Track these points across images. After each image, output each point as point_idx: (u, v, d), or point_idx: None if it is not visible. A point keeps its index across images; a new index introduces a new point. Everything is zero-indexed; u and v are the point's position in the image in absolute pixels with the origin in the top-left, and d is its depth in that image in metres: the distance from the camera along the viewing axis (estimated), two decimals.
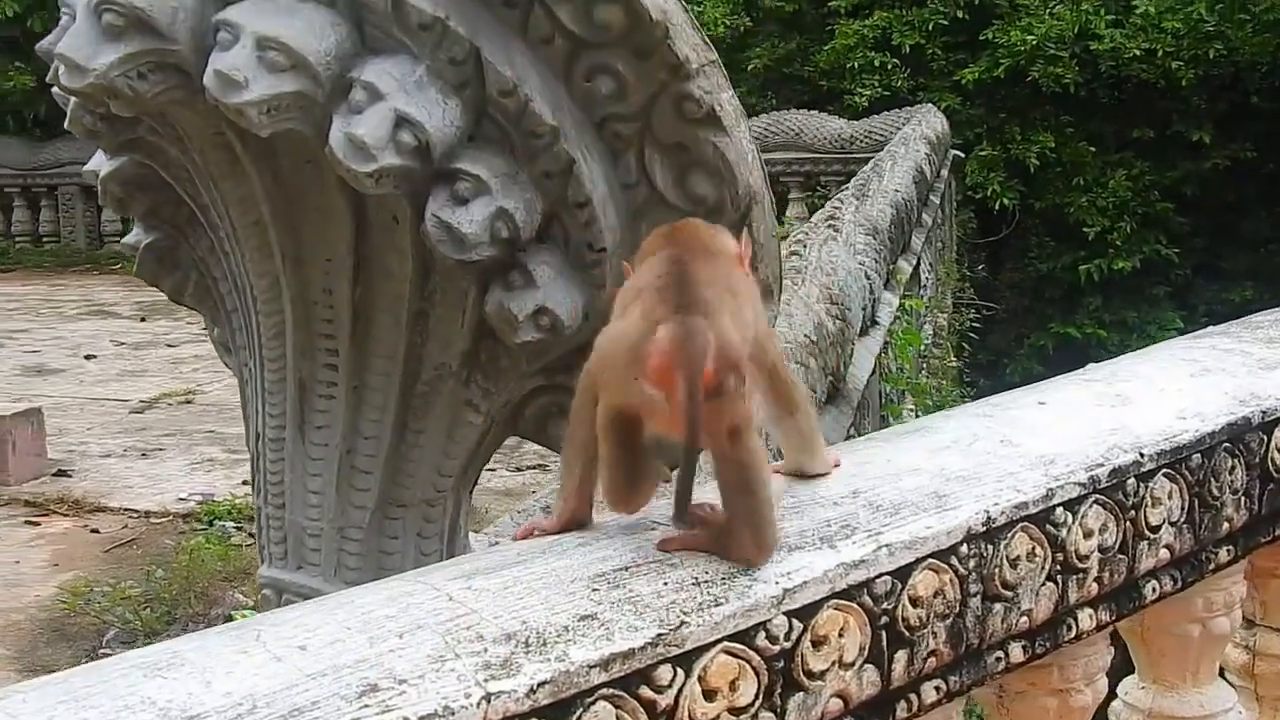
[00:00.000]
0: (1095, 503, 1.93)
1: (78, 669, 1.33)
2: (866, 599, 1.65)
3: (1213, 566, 2.19)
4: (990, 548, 1.80)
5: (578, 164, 2.39)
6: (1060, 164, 21.67)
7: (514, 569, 1.54)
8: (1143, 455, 2.01)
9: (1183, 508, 2.09)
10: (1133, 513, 2.00)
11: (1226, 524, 2.19)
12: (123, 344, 13.93)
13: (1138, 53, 20.94)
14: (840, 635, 1.62)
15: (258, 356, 2.73)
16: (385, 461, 2.69)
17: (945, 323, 15.22)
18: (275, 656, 1.34)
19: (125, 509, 8.27)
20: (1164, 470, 2.05)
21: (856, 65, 21.72)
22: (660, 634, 1.46)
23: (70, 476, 8.91)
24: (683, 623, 1.48)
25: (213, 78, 2.27)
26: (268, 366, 2.71)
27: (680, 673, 1.47)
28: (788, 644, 1.57)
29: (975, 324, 17.69)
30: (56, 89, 2.44)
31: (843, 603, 1.63)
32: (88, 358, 13.24)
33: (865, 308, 7.34)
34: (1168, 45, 20.85)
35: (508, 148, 2.39)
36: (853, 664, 1.64)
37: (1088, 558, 1.93)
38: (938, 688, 1.77)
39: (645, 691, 1.44)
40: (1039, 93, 21.59)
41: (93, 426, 10.29)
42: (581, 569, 1.54)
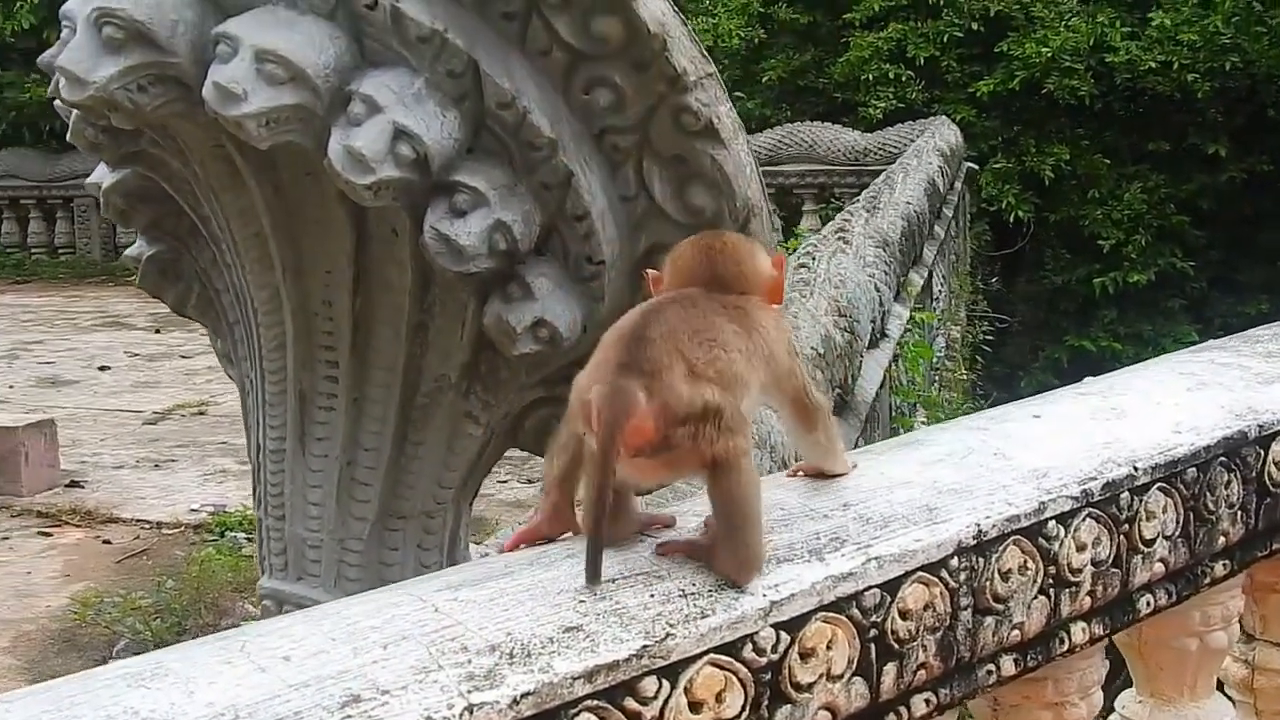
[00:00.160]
0: (1088, 516, 1.93)
1: (63, 678, 1.34)
2: (855, 611, 1.65)
3: (1208, 581, 2.18)
4: (981, 561, 1.79)
5: (576, 176, 2.39)
6: (1075, 176, 21.62)
7: (501, 580, 1.54)
8: (1137, 469, 2.01)
9: (1177, 521, 2.08)
10: (1126, 526, 1.99)
11: (1222, 538, 2.18)
12: (137, 355, 14.00)
13: (1153, 65, 20.89)
14: (828, 648, 1.62)
15: (259, 368, 2.74)
16: (385, 473, 2.69)
17: (959, 335, 15.19)
18: (259, 667, 1.34)
19: (137, 520, 8.31)
20: (1158, 484, 2.04)
21: (871, 77, 21.71)
22: (646, 645, 1.46)
23: (83, 487, 8.95)
24: (668, 634, 1.48)
25: (212, 90, 2.28)
26: (268, 378, 2.72)
27: (666, 684, 1.47)
28: (775, 656, 1.57)
29: (989, 336, 17.64)
30: (58, 102, 2.45)
31: (831, 615, 1.62)
32: (102, 369, 13.29)
33: (874, 320, 7.32)
34: (1184, 58, 20.79)
35: (506, 160, 2.39)
36: (841, 676, 1.64)
37: (1080, 571, 1.92)
38: (928, 700, 1.76)
39: (630, 703, 1.44)
40: (1054, 105, 21.55)
41: (106, 438, 10.33)
42: (568, 580, 1.54)
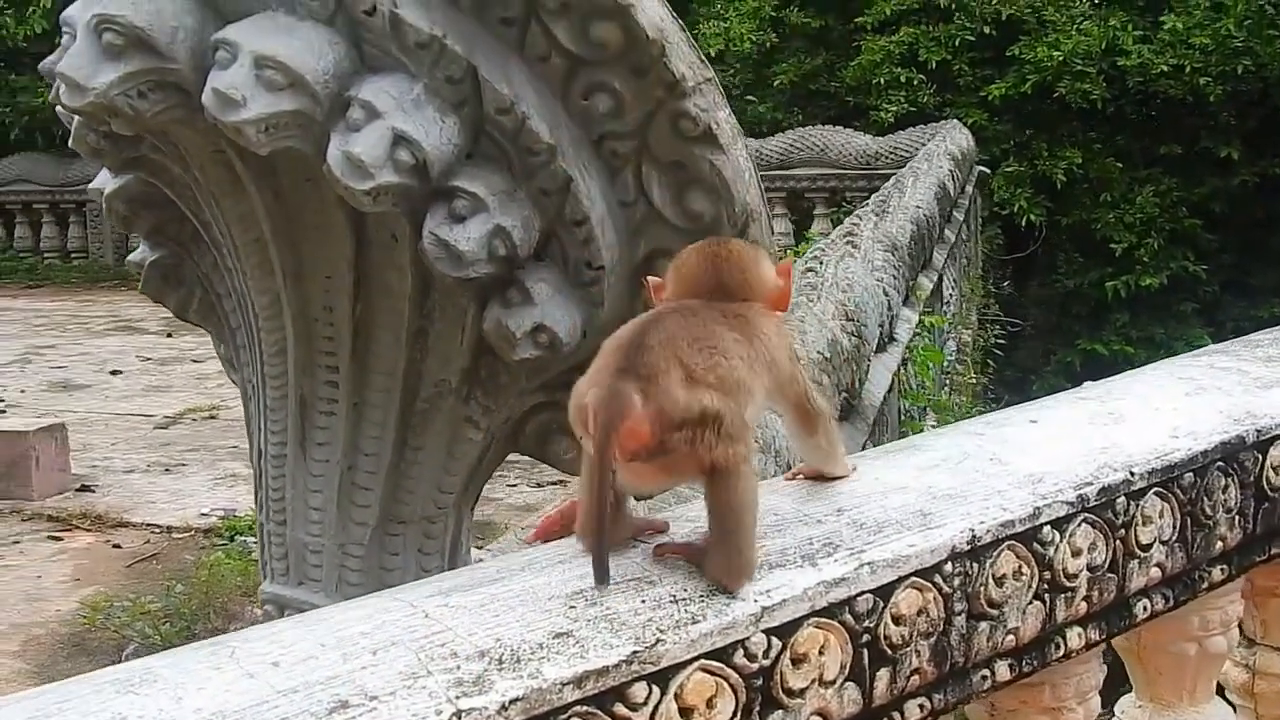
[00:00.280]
0: (1084, 521, 1.92)
1: (53, 684, 1.35)
2: (848, 617, 1.65)
3: (1206, 585, 2.18)
4: (975, 566, 1.79)
5: (575, 181, 2.39)
6: (1087, 180, 21.59)
7: (491, 586, 1.54)
8: (1133, 474, 2.00)
9: (1174, 526, 2.08)
10: (1123, 531, 1.99)
11: (1220, 543, 2.17)
12: (149, 359, 14.02)
13: (1165, 69, 20.84)
14: (820, 653, 1.62)
15: (260, 373, 2.74)
16: (386, 478, 2.69)
17: (970, 339, 15.17)
18: (248, 673, 1.35)
19: (148, 524, 8.32)
20: (1155, 489, 2.04)
21: (883, 81, 21.69)
22: (636, 651, 1.46)
23: (94, 491, 8.96)
24: (659, 640, 1.48)
25: (211, 96, 2.28)
26: (269, 383, 2.72)
27: (656, 690, 1.47)
28: (766, 662, 1.57)
29: (1001, 340, 17.62)
30: (59, 108, 2.46)
31: (823, 621, 1.62)
32: (114, 373, 13.32)
33: (882, 324, 7.32)
34: (1196, 61, 20.74)
35: (505, 165, 2.39)
36: (833, 682, 1.64)
37: (1076, 576, 1.92)
38: (921, 705, 1.76)
39: (620, 709, 1.44)
40: (1066, 109, 21.52)
41: (117, 442, 10.35)
42: (559, 586, 1.55)
